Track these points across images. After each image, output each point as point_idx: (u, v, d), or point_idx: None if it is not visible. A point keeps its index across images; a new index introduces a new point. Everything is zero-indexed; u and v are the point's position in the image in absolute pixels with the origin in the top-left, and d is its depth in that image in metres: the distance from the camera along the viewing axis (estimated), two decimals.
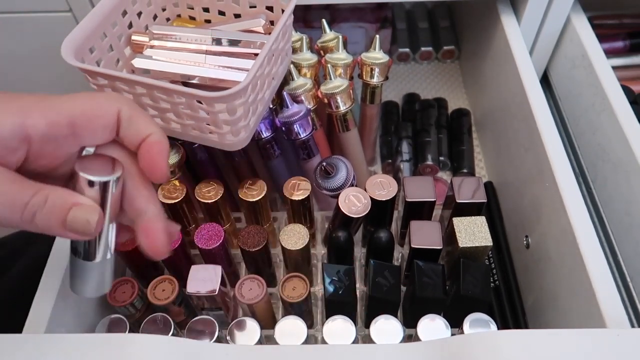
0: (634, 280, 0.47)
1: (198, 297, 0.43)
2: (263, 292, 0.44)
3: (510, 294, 0.54)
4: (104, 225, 0.30)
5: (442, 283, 0.43)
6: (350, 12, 0.80)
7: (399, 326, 0.40)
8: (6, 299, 0.58)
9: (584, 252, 0.40)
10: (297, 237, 0.46)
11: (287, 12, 0.43)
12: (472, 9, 0.74)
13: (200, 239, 0.46)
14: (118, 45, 0.45)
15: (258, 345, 0.40)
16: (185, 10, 0.51)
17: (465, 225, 0.45)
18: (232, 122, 0.40)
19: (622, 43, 0.68)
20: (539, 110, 0.50)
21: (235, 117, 0.39)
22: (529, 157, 0.52)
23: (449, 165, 0.68)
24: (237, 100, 0.38)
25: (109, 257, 0.32)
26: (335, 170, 0.47)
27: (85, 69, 0.37)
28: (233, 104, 0.38)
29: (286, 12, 0.43)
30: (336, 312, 0.41)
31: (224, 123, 0.40)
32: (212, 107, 0.38)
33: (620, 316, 0.37)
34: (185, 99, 0.38)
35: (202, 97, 0.37)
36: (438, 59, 0.82)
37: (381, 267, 0.43)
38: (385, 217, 0.49)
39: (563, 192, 0.44)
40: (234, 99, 0.37)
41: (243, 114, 0.40)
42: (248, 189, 0.48)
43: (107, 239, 0.31)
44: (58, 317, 0.41)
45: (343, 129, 0.54)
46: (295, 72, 0.50)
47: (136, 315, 0.46)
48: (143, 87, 0.38)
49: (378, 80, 0.53)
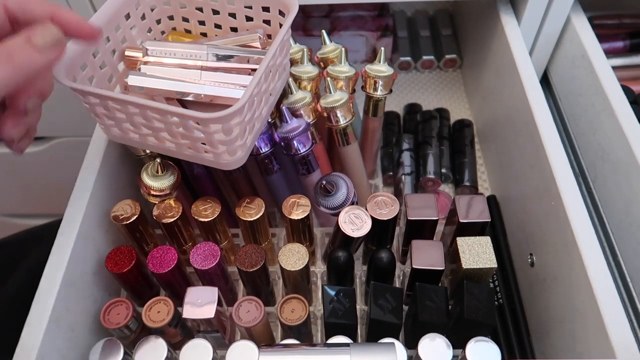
0: (634, 281, 0.47)
1: (194, 319, 0.41)
2: (261, 315, 0.43)
3: (514, 314, 0.53)
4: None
5: (445, 306, 0.42)
6: (350, 20, 0.79)
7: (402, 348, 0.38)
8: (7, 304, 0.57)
9: (591, 276, 0.39)
10: (296, 257, 0.44)
11: (285, 26, 0.42)
12: (472, 13, 0.73)
13: (196, 259, 0.44)
14: (111, 61, 0.44)
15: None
16: (180, 23, 0.50)
17: (469, 245, 0.44)
18: (229, 142, 0.39)
19: (622, 43, 0.67)
20: (541, 118, 0.50)
21: (232, 137, 0.38)
22: (534, 173, 0.51)
23: (450, 177, 0.66)
24: (233, 120, 0.37)
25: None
26: (335, 188, 0.46)
27: (76, 88, 0.36)
28: (229, 124, 0.37)
29: (284, 26, 0.42)
30: (336, 333, 0.40)
31: (220, 143, 0.39)
32: (208, 128, 0.37)
33: (629, 344, 0.36)
34: (179, 119, 0.36)
35: (197, 118, 0.35)
36: (440, 68, 0.81)
37: (382, 290, 0.42)
38: (387, 236, 0.48)
39: (570, 214, 0.43)
40: (230, 119, 0.36)
41: (239, 133, 0.39)
42: (246, 208, 0.46)
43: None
44: (50, 341, 0.39)
45: (343, 142, 0.53)
46: (294, 85, 0.49)
47: (131, 337, 0.45)
48: (136, 107, 0.37)
49: (382, 93, 0.52)
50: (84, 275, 0.45)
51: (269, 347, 0.36)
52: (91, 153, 0.49)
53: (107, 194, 0.49)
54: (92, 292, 0.46)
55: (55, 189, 0.81)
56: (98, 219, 0.47)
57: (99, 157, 0.48)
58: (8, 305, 0.58)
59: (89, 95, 0.37)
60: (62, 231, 0.44)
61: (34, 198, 1.01)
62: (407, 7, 0.86)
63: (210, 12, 0.48)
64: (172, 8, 0.48)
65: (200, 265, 0.44)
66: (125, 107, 0.37)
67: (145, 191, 0.47)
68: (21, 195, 1.02)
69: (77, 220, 0.44)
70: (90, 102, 0.38)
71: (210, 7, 0.48)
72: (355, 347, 0.35)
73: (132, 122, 0.39)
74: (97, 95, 0.36)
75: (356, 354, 0.34)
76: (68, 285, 0.42)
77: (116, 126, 0.42)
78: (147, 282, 0.48)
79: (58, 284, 0.41)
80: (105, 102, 0.37)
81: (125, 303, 0.44)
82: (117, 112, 0.38)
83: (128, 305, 0.44)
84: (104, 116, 0.41)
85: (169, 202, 0.47)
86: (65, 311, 0.42)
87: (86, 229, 0.45)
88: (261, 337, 0.45)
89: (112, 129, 0.43)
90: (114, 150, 0.51)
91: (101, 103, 0.37)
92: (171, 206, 0.46)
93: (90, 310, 0.46)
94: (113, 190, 0.50)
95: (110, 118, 0.41)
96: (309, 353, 0.35)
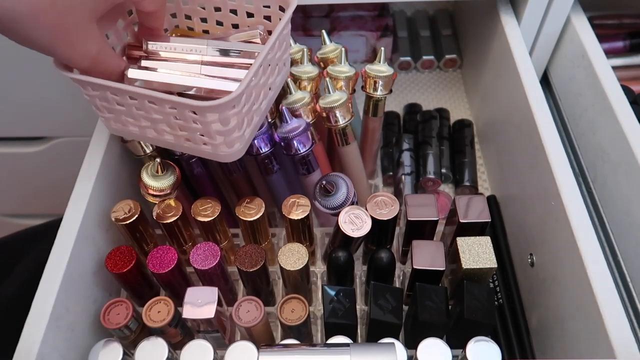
0: (634, 281, 0.47)
1: (194, 319, 0.42)
2: (261, 315, 0.43)
3: (514, 314, 0.53)
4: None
5: (445, 306, 0.42)
6: (350, 20, 0.79)
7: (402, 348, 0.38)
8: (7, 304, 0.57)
9: (591, 276, 0.39)
10: (296, 257, 0.44)
11: (284, 20, 0.42)
12: (472, 13, 0.73)
13: (196, 259, 0.44)
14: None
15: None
16: (183, 21, 0.50)
17: (469, 245, 0.44)
18: (226, 132, 0.39)
19: (622, 43, 0.67)
20: (541, 118, 0.50)
21: (229, 127, 0.38)
22: (534, 173, 0.51)
23: (450, 177, 0.66)
24: (229, 110, 0.37)
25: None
26: (335, 188, 0.46)
27: (76, 79, 0.36)
28: (226, 114, 0.37)
29: (283, 20, 0.42)
30: (336, 333, 0.40)
31: (218, 134, 0.39)
32: (204, 117, 0.37)
33: (629, 344, 0.36)
34: (177, 108, 0.37)
35: (194, 107, 0.36)
36: (440, 68, 0.81)
37: (382, 290, 0.42)
38: (387, 236, 0.48)
39: (570, 214, 0.43)
40: (226, 108, 0.36)
41: (237, 124, 0.39)
42: (246, 208, 0.46)
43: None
44: (50, 341, 0.39)
45: (342, 142, 0.53)
46: (292, 85, 0.49)
47: (131, 337, 0.45)
48: (134, 96, 0.37)
49: (382, 94, 0.52)
50: (84, 275, 0.45)
51: (269, 347, 0.36)
52: (91, 153, 0.49)
53: (107, 194, 0.49)
54: (92, 292, 0.46)
55: (55, 189, 0.81)
56: (98, 219, 0.47)
57: (99, 157, 0.48)
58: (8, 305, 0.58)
59: (88, 85, 0.37)
60: (62, 231, 0.44)
61: (34, 198, 1.01)
62: (407, 7, 0.86)
63: (212, 9, 0.48)
64: (174, 5, 0.49)
65: (200, 265, 0.44)
66: (123, 97, 0.37)
67: (145, 191, 0.47)
68: (21, 195, 1.02)
69: (77, 220, 0.44)
70: (90, 94, 0.38)
71: (212, 4, 0.48)
72: (355, 347, 0.35)
73: (131, 113, 0.39)
74: (95, 85, 0.37)
75: (356, 354, 0.34)
76: (68, 285, 0.42)
77: (116, 119, 0.42)
78: (147, 282, 0.48)
79: (58, 284, 0.41)
80: (104, 92, 0.37)
81: (125, 303, 0.44)
82: (117, 104, 0.39)
83: (128, 305, 0.44)
84: (104, 109, 0.41)
85: (169, 202, 0.47)
86: (65, 311, 0.42)
87: (86, 229, 0.45)
88: (261, 337, 0.45)
89: (111, 122, 0.43)
90: (114, 150, 0.51)
91: (100, 94, 0.38)
92: (171, 206, 0.46)
93: (90, 310, 0.46)
94: (113, 190, 0.50)
95: (110, 111, 0.41)
96: (308, 353, 0.35)
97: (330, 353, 0.35)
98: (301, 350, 0.35)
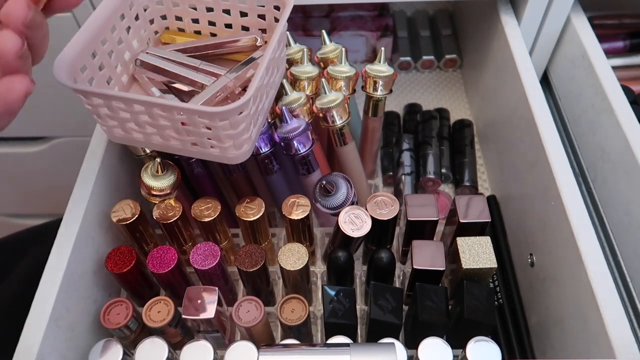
0: (634, 281, 0.47)
1: (194, 319, 0.42)
2: (261, 315, 0.43)
3: (514, 314, 0.53)
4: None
5: (445, 306, 0.42)
6: (350, 20, 0.79)
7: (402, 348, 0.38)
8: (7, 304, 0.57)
9: (591, 276, 0.39)
10: (296, 257, 0.44)
11: (282, 21, 0.42)
12: (472, 12, 0.73)
13: (196, 259, 0.44)
14: (109, 63, 0.44)
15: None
16: (173, 22, 0.50)
17: (469, 245, 0.44)
18: (236, 135, 0.39)
19: (622, 43, 0.67)
20: (541, 118, 0.50)
21: (239, 130, 0.38)
22: (534, 173, 0.51)
23: (450, 177, 0.66)
24: (240, 114, 0.37)
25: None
26: (335, 188, 0.46)
27: (79, 90, 0.36)
28: (236, 118, 0.37)
29: (281, 22, 0.42)
30: (336, 333, 0.40)
31: (227, 137, 0.39)
32: (215, 122, 0.37)
33: (629, 344, 0.36)
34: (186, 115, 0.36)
35: (205, 113, 0.35)
36: (440, 68, 0.81)
37: (382, 290, 0.42)
38: (387, 236, 0.48)
39: (570, 214, 0.43)
40: (237, 112, 0.36)
41: (246, 127, 0.39)
42: (246, 208, 0.46)
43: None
44: (50, 341, 0.39)
45: (340, 143, 0.53)
46: (288, 86, 0.49)
47: (131, 337, 0.45)
48: (142, 105, 0.37)
49: (382, 94, 0.52)
50: (84, 275, 0.45)
51: (269, 347, 0.36)
52: (91, 153, 0.49)
53: (107, 194, 0.49)
54: (92, 292, 0.46)
55: (55, 189, 0.81)
56: (98, 219, 0.47)
57: (99, 157, 0.48)
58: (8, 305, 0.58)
59: (92, 96, 0.37)
60: (62, 231, 0.44)
61: (34, 198, 1.01)
62: (407, 7, 0.86)
63: (204, 9, 0.48)
64: (165, 7, 0.48)
65: (200, 265, 0.44)
66: (130, 106, 0.37)
67: (145, 191, 0.47)
68: (21, 195, 1.02)
69: (77, 220, 0.44)
70: (93, 104, 0.38)
71: (204, 4, 0.48)
72: (355, 347, 0.35)
73: (137, 121, 0.39)
74: (101, 95, 0.36)
75: (356, 354, 0.34)
76: (68, 285, 0.42)
77: (119, 127, 0.42)
78: (147, 282, 0.48)
79: (58, 284, 0.41)
80: (109, 102, 0.37)
81: (125, 303, 0.44)
82: (121, 112, 0.38)
83: (128, 305, 0.44)
84: (107, 117, 0.41)
85: (169, 202, 0.47)
86: (65, 311, 0.42)
87: (86, 229, 0.45)
88: (261, 337, 0.45)
89: (114, 130, 0.43)
90: (114, 150, 0.51)
91: (105, 103, 0.37)
92: (171, 206, 0.46)
93: (90, 310, 0.46)
94: (113, 190, 0.50)
95: (113, 119, 0.41)
96: (308, 353, 0.35)
97: (330, 353, 0.35)
98: (301, 350, 0.35)
